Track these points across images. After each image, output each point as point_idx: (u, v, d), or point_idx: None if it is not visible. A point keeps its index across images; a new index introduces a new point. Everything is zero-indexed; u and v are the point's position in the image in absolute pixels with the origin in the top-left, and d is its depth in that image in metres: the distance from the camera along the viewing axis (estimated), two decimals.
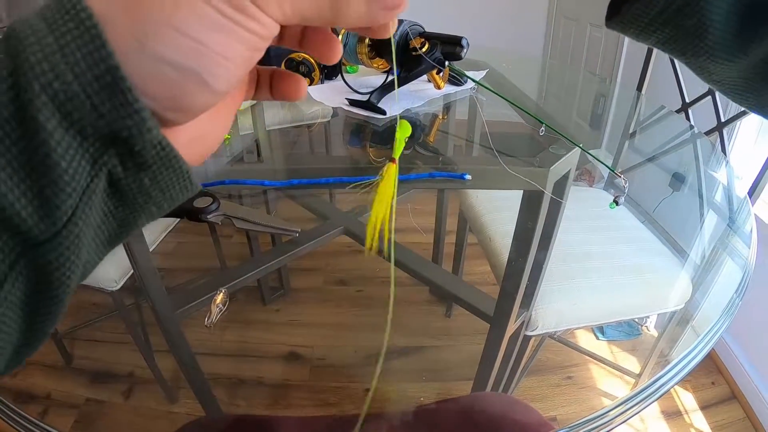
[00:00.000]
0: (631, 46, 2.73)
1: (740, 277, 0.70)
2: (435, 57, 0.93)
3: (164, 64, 0.18)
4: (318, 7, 0.21)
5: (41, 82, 0.17)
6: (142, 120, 0.18)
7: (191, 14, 0.18)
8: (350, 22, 0.22)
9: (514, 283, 0.79)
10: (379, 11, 0.22)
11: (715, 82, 0.35)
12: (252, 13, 0.19)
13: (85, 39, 0.17)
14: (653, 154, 1.14)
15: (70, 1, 0.17)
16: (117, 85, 0.17)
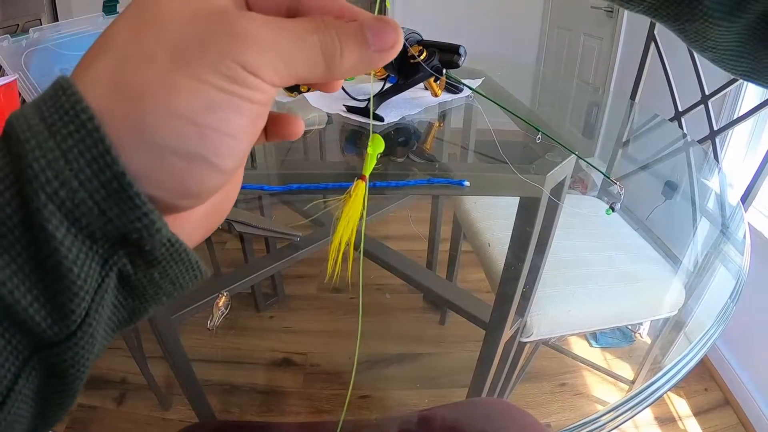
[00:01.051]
0: (624, 56, 2.75)
1: (734, 283, 0.70)
2: (433, 65, 0.94)
3: (169, 153, 0.18)
4: (312, 65, 0.21)
5: (47, 192, 0.17)
6: (151, 222, 0.18)
7: (189, 97, 0.18)
8: (347, 73, 0.22)
9: (510, 289, 0.79)
10: (373, 55, 0.22)
11: (709, 49, 0.34)
12: (250, 83, 0.19)
13: (88, 143, 0.17)
14: (646, 162, 1.15)
15: (68, 99, 0.17)
16: (124, 190, 0.17)
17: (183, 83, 0.18)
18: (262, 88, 0.19)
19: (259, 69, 0.19)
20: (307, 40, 0.21)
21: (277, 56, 0.20)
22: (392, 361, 1.42)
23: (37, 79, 0.88)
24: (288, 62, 0.20)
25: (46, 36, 0.94)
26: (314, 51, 0.21)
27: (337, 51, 0.21)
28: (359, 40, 0.22)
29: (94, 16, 1.04)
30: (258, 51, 0.19)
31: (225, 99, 0.18)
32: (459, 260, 1.54)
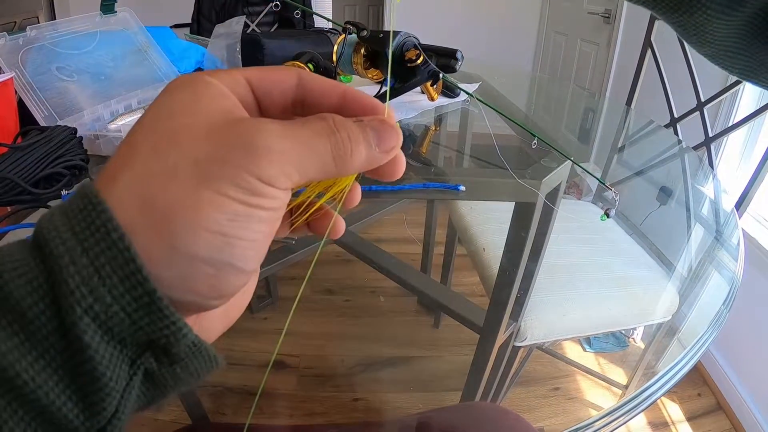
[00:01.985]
0: (621, 61, 2.76)
1: (728, 290, 0.70)
2: (430, 69, 0.94)
3: (199, 262, 0.20)
4: (323, 167, 0.22)
5: (83, 306, 0.18)
6: (178, 329, 0.19)
7: (214, 211, 0.19)
8: (355, 171, 0.24)
9: (505, 293, 0.79)
10: (379, 155, 0.24)
11: (707, 43, 0.34)
12: (267, 192, 0.20)
13: (120, 262, 0.18)
14: (641, 168, 1.16)
15: (98, 216, 0.18)
16: (154, 303, 0.19)
17: (207, 198, 0.19)
18: (278, 195, 0.21)
19: (276, 180, 0.21)
20: (320, 147, 0.22)
21: (292, 165, 0.21)
22: (385, 364, 1.41)
23: (33, 77, 0.87)
24: (301, 169, 0.21)
25: (43, 34, 0.93)
26: (326, 156, 0.22)
27: (347, 153, 0.23)
28: (366, 143, 0.23)
29: (91, 15, 1.04)
30: (274, 163, 0.20)
31: (246, 210, 0.20)
32: (453, 264, 1.54)
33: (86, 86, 0.96)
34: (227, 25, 1.24)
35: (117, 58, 1.05)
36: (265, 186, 0.20)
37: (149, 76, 1.09)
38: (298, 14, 2.46)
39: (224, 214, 0.19)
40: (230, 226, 0.20)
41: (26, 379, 0.18)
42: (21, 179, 0.64)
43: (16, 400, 0.18)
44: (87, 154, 0.77)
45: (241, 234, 0.20)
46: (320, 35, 1.36)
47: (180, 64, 1.22)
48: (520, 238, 0.81)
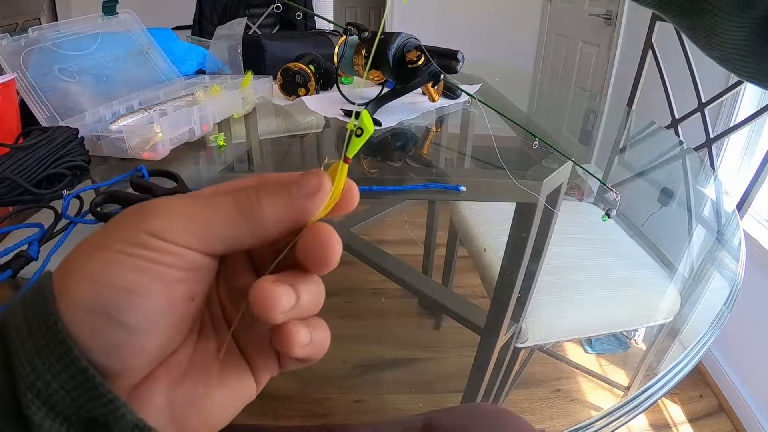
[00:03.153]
0: (622, 63, 2.76)
1: (729, 290, 0.70)
2: (431, 70, 0.94)
3: (78, 310, 0.20)
4: (230, 221, 0.22)
5: (26, 382, 0.19)
6: (115, 408, 0.20)
7: (92, 260, 0.20)
8: (274, 226, 0.22)
9: (506, 294, 0.79)
10: (299, 201, 0.22)
11: (716, 46, 0.34)
12: (156, 246, 0.21)
13: (55, 343, 0.20)
14: (642, 170, 1.16)
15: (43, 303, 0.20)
16: (89, 381, 0.20)
17: (94, 254, 0.21)
18: (173, 251, 0.21)
19: (167, 232, 0.21)
20: (220, 201, 0.22)
21: (189, 220, 0.21)
22: (387, 365, 1.41)
23: (35, 78, 0.88)
24: (203, 224, 0.21)
25: (44, 35, 0.94)
26: (228, 207, 0.22)
27: (252, 202, 0.22)
28: (278, 189, 0.22)
29: (93, 17, 1.04)
30: (164, 217, 0.21)
31: (127, 261, 0.20)
32: (455, 265, 1.54)
33: (88, 87, 0.96)
34: (229, 27, 1.24)
35: (119, 59, 1.05)
36: (154, 239, 0.20)
37: (151, 77, 1.10)
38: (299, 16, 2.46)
39: (100, 262, 0.20)
40: (106, 275, 0.20)
41: None
42: (23, 179, 0.64)
43: None
44: (88, 155, 0.77)
45: (116, 281, 0.20)
46: (321, 37, 1.36)
47: (181, 65, 1.22)
48: (521, 239, 0.81)
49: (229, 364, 0.25)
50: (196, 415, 0.24)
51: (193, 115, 0.87)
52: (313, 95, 1.13)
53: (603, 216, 0.73)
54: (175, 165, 0.83)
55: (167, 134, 0.82)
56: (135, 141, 0.80)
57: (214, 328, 0.26)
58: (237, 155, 0.95)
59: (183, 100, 0.97)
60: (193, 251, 0.21)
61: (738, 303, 0.69)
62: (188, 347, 0.25)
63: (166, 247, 0.21)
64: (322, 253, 0.23)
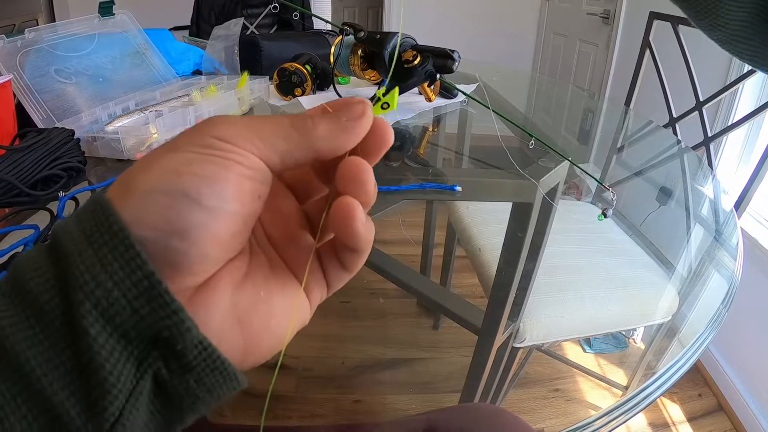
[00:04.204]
0: (620, 62, 2.76)
1: (727, 289, 0.70)
2: (427, 70, 0.94)
3: (155, 193, 0.21)
4: (285, 136, 0.24)
5: (85, 291, 0.19)
6: (180, 320, 0.20)
7: (170, 159, 0.21)
8: (325, 144, 0.24)
9: (503, 294, 0.79)
10: (347, 123, 0.25)
11: (719, 27, 0.34)
12: (224, 147, 0.22)
13: (120, 250, 0.19)
14: (640, 169, 1.16)
15: (104, 213, 0.20)
16: (154, 288, 0.19)
17: (167, 153, 0.22)
18: (239, 152, 0.22)
19: (233, 138, 0.22)
20: (278, 119, 0.24)
21: (250, 130, 0.23)
22: (385, 365, 1.41)
23: (31, 80, 0.88)
24: (262, 134, 0.23)
25: (41, 36, 0.94)
26: (285, 124, 0.24)
27: (307, 122, 0.24)
28: (327, 113, 0.25)
29: (89, 17, 1.04)
30: (230, 126, 0.23)
31: (201, 157, 0.22)
32: (453, 265, 1.54)
33: (84, 88, 0.96)
34: (226, 27, 1.24)
35: (115, 60, 1.05)
36: (222, 143, 0.22)
37: (147, 78, 1.10)
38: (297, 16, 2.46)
39: (180, 159, 0.21)
40: (185, 167, 0.21)
41: (33, 367, 0.18)
42: (19, 181, 0.64)
43: (21, 394, 0.18)
44: (84, 156, 0.77)
45: (195, 171, 0.21)
46: (318, 37, 1.36)
47: (178, 66, 1.22)
48: (518, 239, 0.81)
49: (283, 276, 0.27)
50: (260, 319, 0.25)
51: (189, 115, 0.87)
52: (310, 95, 1.13)
53: (599, 216, 0.73)
54: None
55: (163, 135, 0.82)
56: (131, 142, 0.80)
57: (262, 249, 0.27)
58: None
59: (179, 100, 0.97)
60: (256, 157, 0.23)
61: (737, 302, 0.69)
62: (246, 256, 0.26)
63: (232, 149, 0.22)
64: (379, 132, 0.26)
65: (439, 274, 1.59)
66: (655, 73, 1.49)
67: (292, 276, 0.27)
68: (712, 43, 0.37)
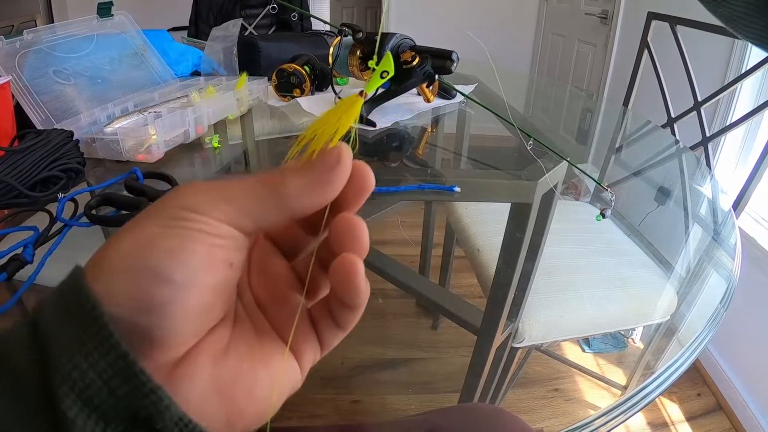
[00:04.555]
0: (618, 62, 2.76)
1: (725, 288, 0.70)
2: (426, 70, 0.94)
3: (123, 270, 0.20)
4: (257, 198, 0.23)
5: (62, 373, 0.19)
6: (158, 399, 0.19)
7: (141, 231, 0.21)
8: (299, 203, 0.23)
9: (501, 294, 0.79)
10: (322, 174, 0.23)
11: (722, 3, 0.34)
12: (190, 217, 0.22)
13: (94, 330, 0.19)
14: (639, 169, 1.16)
15: (79, 291, 0.20)
16: (129, 368, 0.19)
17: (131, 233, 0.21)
18: (206, 221, 0.22)
19: (198, 206, 0.22)
20: (248, 180, 0.23)
21: (217, 196, 0.23)
22: (384, 365, 1.41)
23: (30, 81, 0.88)
24: (230, 199, 0.23)
25: (40, 38, 0.93)
26: (255, 185, 0.23)
27: (277, 179, 0.23)
28: (301, 165, 0.24)
29: (88, 18, 1.04)
30: (196, 194, 0.22)
31: (166, 231, 0.21)
32: (452, 265, 1.54)
33: (83, 89, 0.96)
34: (224, 28, 1.24)
35: (114, 61, 1.05)
36: (187, 212, 0.22)
37: (146, 79, 1.10)
38: (295, 17, 2.46)
39: (145, 236, 0.21)
40: (150, 242, 0.21)
41: None
42: (18, 182, 0.64)
43: None
44: (83, 158, 0.77)
45: (160, 245, 0.21)
46: (317, 37, 1.36)
47: (177, 67, 1.22)
48: (517, 239, 0.81)
49: (270, 344, 0.26)
50: (244, 392, 0.24)
51: (187, 116, 0.87)
52: (308, 96, 1.13)
53: (597, 216, 0.73)
54: (170, 167, 0.83)
55: (162, 136, 0.82)
56: (130, 143, 0.80)
57: (249, 316, 0.26)
58: (232, 157, 0.95)
59: (178, 101, 0.97)
60: (225, 225, 0.22)
61: (736, 301, 0.69)
62: (227, 326, 0.25)
63: (198, 218, 0.22)
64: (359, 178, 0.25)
65: (438, 274, 1.60)
66: (654, 74, 1.49)
67: (280, 342, 0.26)
68: (710, 44, 0.37)
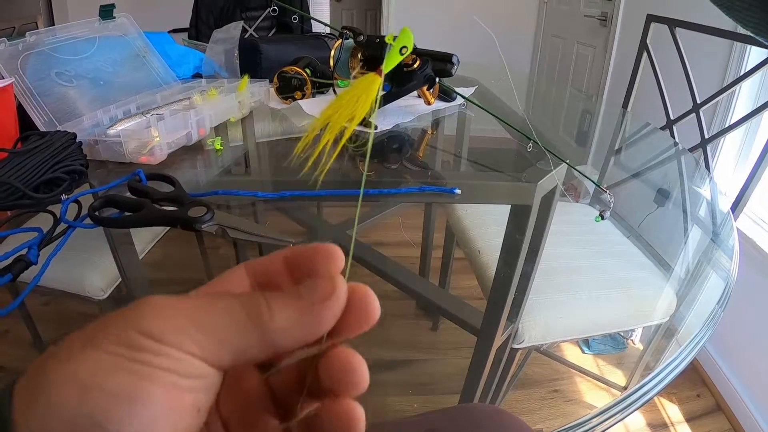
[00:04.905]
0: (617, 64, 2.77)
1: (722, 289, 0.71)
2: (426, 73, 0.95)
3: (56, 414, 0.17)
4: (238, 328, 0.19)
5: None
6: None
7: (81, 361, 0.17)
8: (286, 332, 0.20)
9: (501, 296, 0.79)
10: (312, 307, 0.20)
11: None
12: (151, 348, 0.18)
13: None
14: (638, 170, 1.16)
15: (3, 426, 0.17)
16: None
17: (80, 354, 0.17)
18: (171, 354, 0.18)
19: (165, 335, 0.18)
20: (225, 303, 0.19)
21: (190, 322, 0.18)
22: (385, 366, 1.42)
23: (33, 83, 0.88)
24: (206, 328, 0.19)
25: (42, 40, 0.94)
26: (235, 311, 0.19)
27: (262, 306, 0.20)
28: (289, 294, 0.20)
29: (90, 21, 1.04)
30: (162, 317, 0.18)
31: (118, 363, 0.17)
32: (452, 267, 1.55)
33: (85, 91, 0.97)
34: (225, 30, 1.25)
35: (116, 63, 1.06)
36: (148, 340, 0.18)
37: (148, 81, 1.10)
38: (296, 19, 2.47)
39: (91, 367, 0.17)
40: (95, 378, 0.17)
41: None
42: (21, 184, 0.64)
43: None
44: (86, 159, 0.77)
45: (107, 385, 0.17)
46: (318, 40, 1.37)
47: (178, 69, 1.22)
48: (516, 241, 0.81)
49: None
50: None
51: (190, 119, 0.87)
52: (309, 98, 1.13)
53: (596, 217, 0.73)
54: (173, 169, 0.84)
55: (164, 138, 0.82)
56: (133, 145, 0.80)
57: None
58: (234, 158, 0.95)
59: (180, 104, 0.97)
60: (197, 359, 0.18)
61: (735, 302, 0.70)
62: None
63: (165, 350, 0.18)
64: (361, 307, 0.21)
65: (438, 275, 1.60)
66: (653, 76, 1.49)
67: None
68: (709, 46, 0.37)
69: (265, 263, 0.23)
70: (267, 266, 0.23)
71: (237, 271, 0.23)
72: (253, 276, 0.23)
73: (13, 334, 1.13)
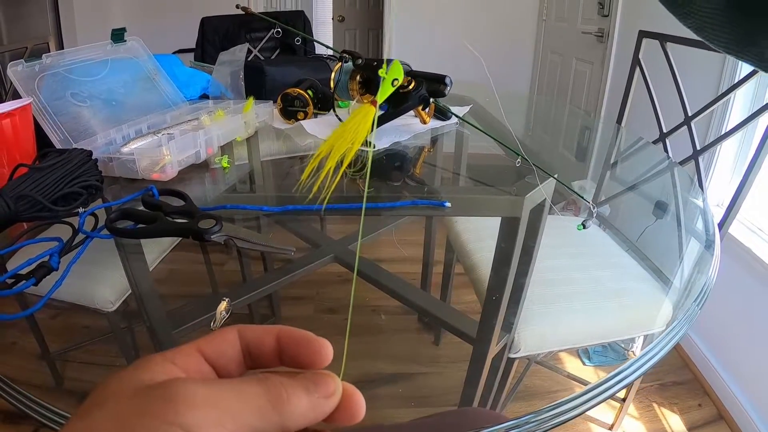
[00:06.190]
0: (615, 79, 2.81)
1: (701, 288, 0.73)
2: (421, 94, 0.99)
3: None
4: (261, 413, 0.21)
5: None
6: None
7: None
8: (300, 420, 0.22)
9: (494, 304, 0.82)
10: (320, 400, 0.23)
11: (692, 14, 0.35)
12: None
13: None
14: (632, 184, 1.19)
15: None
16: None
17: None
18: None
19: (201, 428, 0.19)
20: (251, 391, 0.22)
21: (222, 412, 0.20)
22: (386, 380, 1.44)
23: (49, 103, 0.92)
24: (235, 415, 0.20)
25: (57, 61, 0.98)
26: (260, 399, 0.22)
27: (282, 395, 0.22)
28: (303, 387, 0.23)
29: (102, 44, 1.09)
30: (197, 410, 0.20)
31: None
32: (452, 282, 1.57)
33: (98, 111, 1.01)
34: (231, 53, 1.29)
35: (127, 84, 1.10)
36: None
37: (157, 101, 1.15)
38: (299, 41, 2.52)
39: None
40: None
41: None
42: (41, 197, 0.68)
43: None
44: (101, 175, 0.81)
45: None
46: (320, 61, 1.42)
47: (186, 90, 1.27)
48: (506, 252, 0.85)
49: None
50: None
51: (199, 138, 0.92)
52: (311, 119, 1.18)
53: (578, 225, 0.77)
54: (183, 185, 0.88)
55: (175, 156, 0.86)
56: (145, 163, 0.85)
57: None
58: (240, 176, 1.00)
59: (189, 124, 1.01)
60: None
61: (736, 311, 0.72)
62: None
63: None
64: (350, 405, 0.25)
65: (439, 291, 1.63)
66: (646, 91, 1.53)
67: None
68: (703, 60, 0.39)
69: (258, 334, 0.26)
70: (259, 338, 0.26)
71: (230, 335, 0.25)
72: (245, 344, 0.26)
73: (20, 345, 1.13)
